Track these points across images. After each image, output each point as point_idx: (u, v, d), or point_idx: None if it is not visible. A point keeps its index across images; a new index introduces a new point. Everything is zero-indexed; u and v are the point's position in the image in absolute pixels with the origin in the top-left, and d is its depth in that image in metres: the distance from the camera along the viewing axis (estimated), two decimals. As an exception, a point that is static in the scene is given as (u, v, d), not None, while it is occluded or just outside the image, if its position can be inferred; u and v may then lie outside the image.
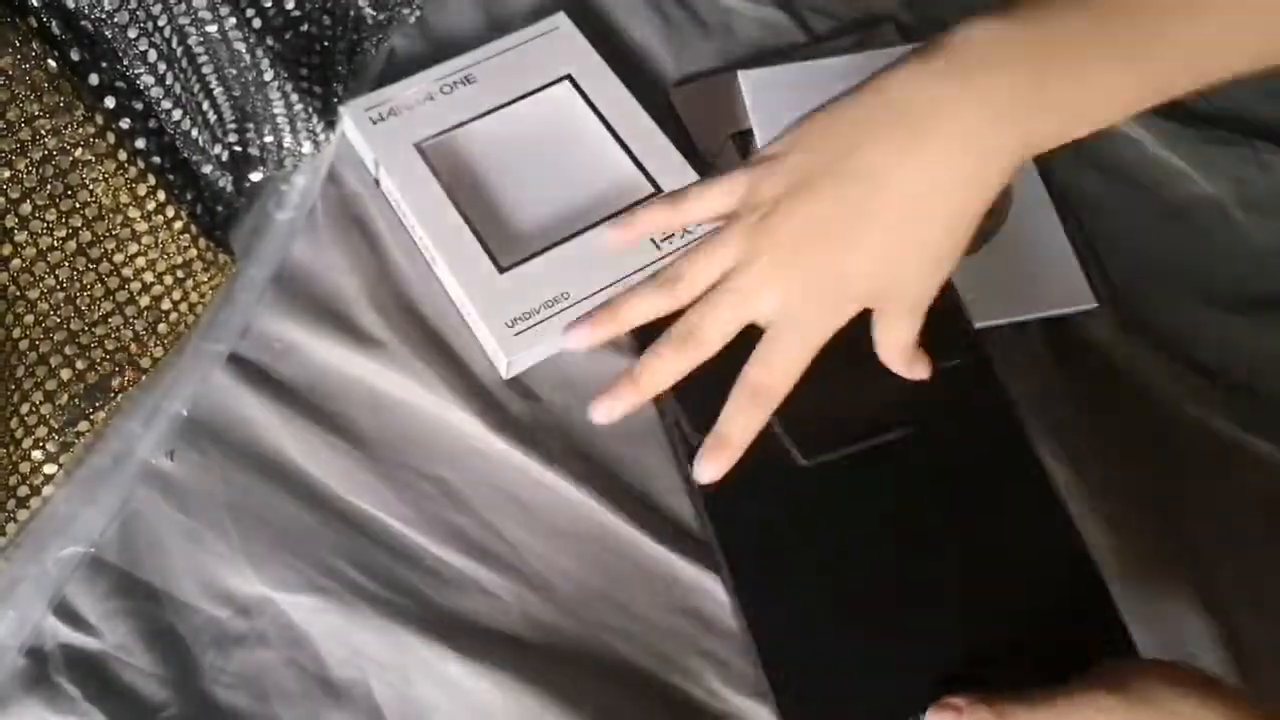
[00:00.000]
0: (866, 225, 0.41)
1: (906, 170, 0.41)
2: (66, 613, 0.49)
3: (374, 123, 0.61)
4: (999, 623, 0.44)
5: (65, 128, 0.49)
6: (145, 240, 0.53)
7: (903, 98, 0.41)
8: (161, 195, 0.53)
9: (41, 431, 0.50)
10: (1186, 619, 0.50)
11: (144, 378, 0.53)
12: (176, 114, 0.55)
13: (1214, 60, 0.42)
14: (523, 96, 0.62)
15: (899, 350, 0.45)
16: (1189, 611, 0.50)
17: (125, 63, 0.53)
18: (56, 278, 0.51)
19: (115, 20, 0.52)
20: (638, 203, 0.59)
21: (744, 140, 0.63)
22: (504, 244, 0.58)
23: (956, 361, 0.46)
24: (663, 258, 0.57)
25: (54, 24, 0.50)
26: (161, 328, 0.54)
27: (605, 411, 0.44)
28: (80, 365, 0.51)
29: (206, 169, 0.57)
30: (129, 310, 0.53)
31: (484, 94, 0.62)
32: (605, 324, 0.45)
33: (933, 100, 0.40)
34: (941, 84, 0.40)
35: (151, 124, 0.55)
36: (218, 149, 0.58)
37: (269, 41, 0.58)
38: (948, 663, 0.43)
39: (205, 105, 0.57)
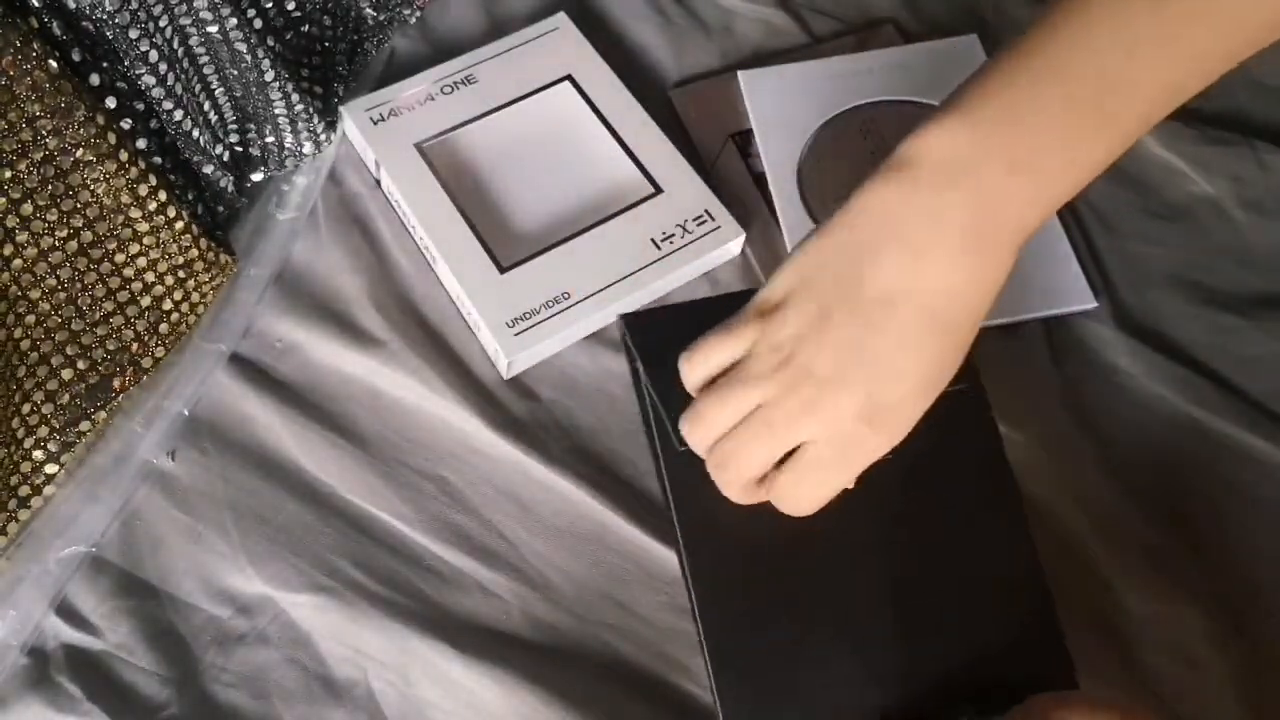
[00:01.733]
0: (893, 347, 0.41)
1: (917, 285, 0.41)
2: (68, 612, 0.49)
3: (375, 123, 0.61)
4: (952, 649, 0.46)
5: (66, 128, 0.49)
6: (146, 240, 0.53)
7: (893, 215, 0.41)
8: (163, 195, 0.53)
9: (43, 431, 0.50)
10: (1189, 619, 0.50)
11: (145, 377, 0.53)
12: (178, 114, 0.55)
13: (1178, 90, 0.41)
14: (523, 97, 0.63)
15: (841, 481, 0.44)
16: (1191, 611, 0.50)
17: (126, 63, 0.53)
18: (58, 278, 0.51)
19: (116, 21, 0.52)
20: (638, 202, 0.59)
21: (744, 140, 0.63)
22: (504, 244, 0.58)
23: (956, 387, 0.46)
24: (663, 257, 0.57)
25: (55, 24, 0.50)
26: (163, 328, 0.54)
27: None
28: (81, 365, 0.51)
29: (208, 169, 0.57)
30: (130, 310, 0.53)
31: (484, 94, 0.62)
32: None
33: (921, 213, 0.41)
34: (923, 197, 0.41)
35: (153, 124, 0.55)
36: (219, 149, 0.58)
37: (270, 42, 0.58)
38: (896, 685, 0.45)
39: (206, 105, 0.57)
